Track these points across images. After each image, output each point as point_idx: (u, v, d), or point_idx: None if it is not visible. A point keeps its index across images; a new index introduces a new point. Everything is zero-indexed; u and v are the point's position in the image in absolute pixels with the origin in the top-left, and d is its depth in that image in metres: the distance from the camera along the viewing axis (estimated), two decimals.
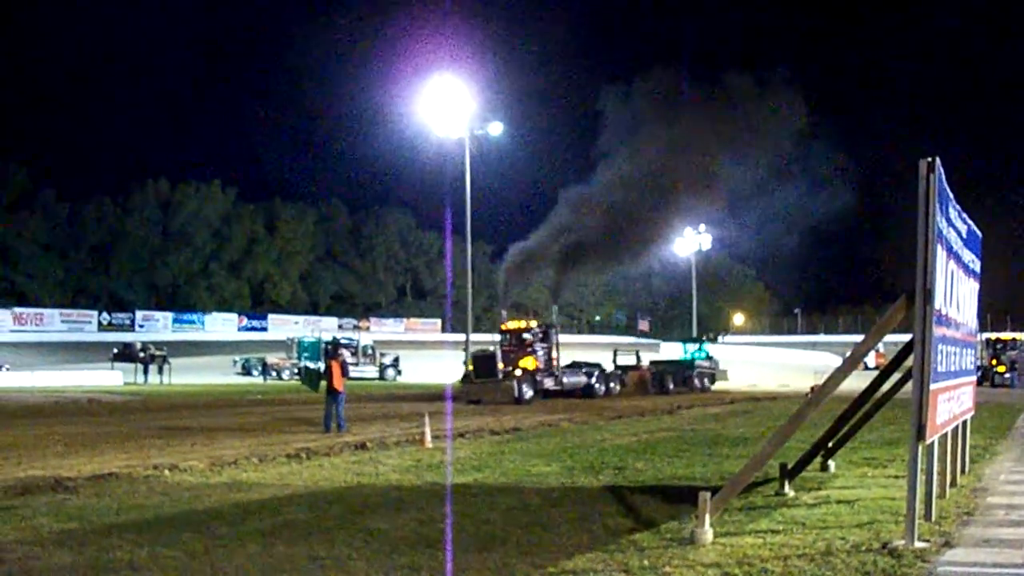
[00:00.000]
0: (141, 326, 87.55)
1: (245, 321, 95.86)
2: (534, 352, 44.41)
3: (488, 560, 9.71)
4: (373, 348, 67.29)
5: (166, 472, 16.77)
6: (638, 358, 54.21)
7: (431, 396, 42.55)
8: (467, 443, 22.66)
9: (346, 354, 53.64)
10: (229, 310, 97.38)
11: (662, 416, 32.65)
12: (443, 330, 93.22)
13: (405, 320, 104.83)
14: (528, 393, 41.38)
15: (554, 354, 45.75)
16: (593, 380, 46.62)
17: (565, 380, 45.12)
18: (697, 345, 64.49)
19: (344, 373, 26.67)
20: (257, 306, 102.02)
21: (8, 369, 60.92)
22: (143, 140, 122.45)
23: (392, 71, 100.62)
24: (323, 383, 27.54)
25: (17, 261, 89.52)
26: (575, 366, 47.62)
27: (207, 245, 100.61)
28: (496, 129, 55.10)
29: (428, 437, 21.90)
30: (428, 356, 45.73)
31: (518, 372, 42.28)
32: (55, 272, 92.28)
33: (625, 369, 51.51)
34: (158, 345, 71.80)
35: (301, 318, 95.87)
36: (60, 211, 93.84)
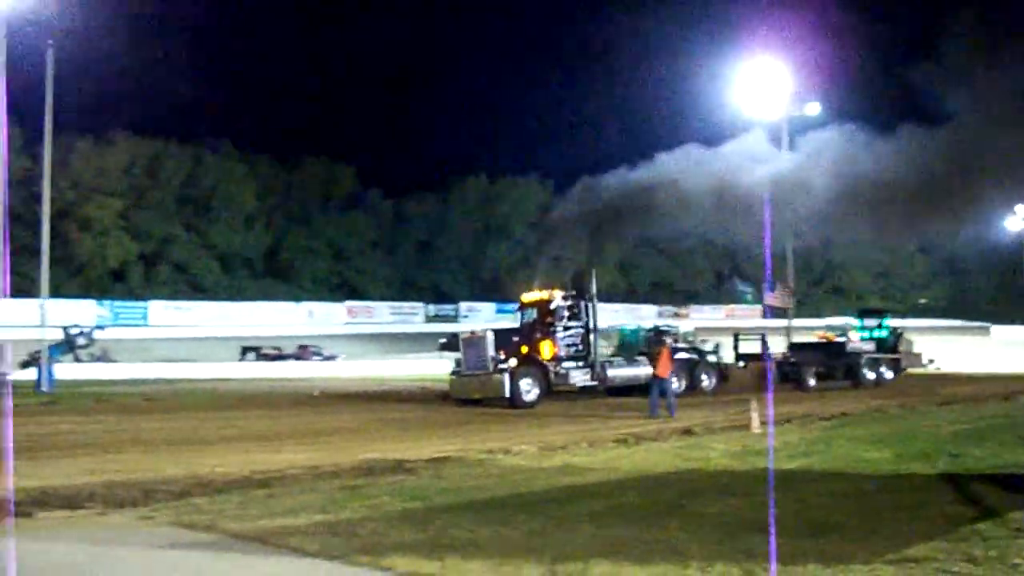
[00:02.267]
0: (465, 316, 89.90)
1: None
2: (552, 334, 32.82)
3: (822, 546, 9.58)
4: (694, 335, 67.02)
5: (499, 456, 17.28)
6: (764, 343, 41.75)
7: (750, 383, 38.16)
8: (794, 428, 22.32)
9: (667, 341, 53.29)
10: None
11: (998, 401, 31.15)
12: (763, 316, 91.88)
13: (724, 307, 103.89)
14: (530, 392, 30.91)
15: (592, 338, 33.76)
16: None
17: (611, 373, 33.45)
18: (877, 322, 47.19)
19: (672, 360, 26.99)
20: None
21: (344, 359, 63.75)
22: (463, 137, 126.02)
23: (704, 53, 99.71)
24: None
25: (349, 258, 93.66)
26: (646, 353, 34.87)
27: (526, 237, 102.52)
28: (814, 109, 53.82)
29: (755, 422, 21.65)
30: (748, 343, 43.55)
31: (512, 362, 31.16)
32: (383, 267, 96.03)
33: (748, 358, 41.28)
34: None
35: (620, 306, 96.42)
36: (386, 209, 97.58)
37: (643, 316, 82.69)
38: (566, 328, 33.09)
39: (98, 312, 67.85)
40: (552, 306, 33.31)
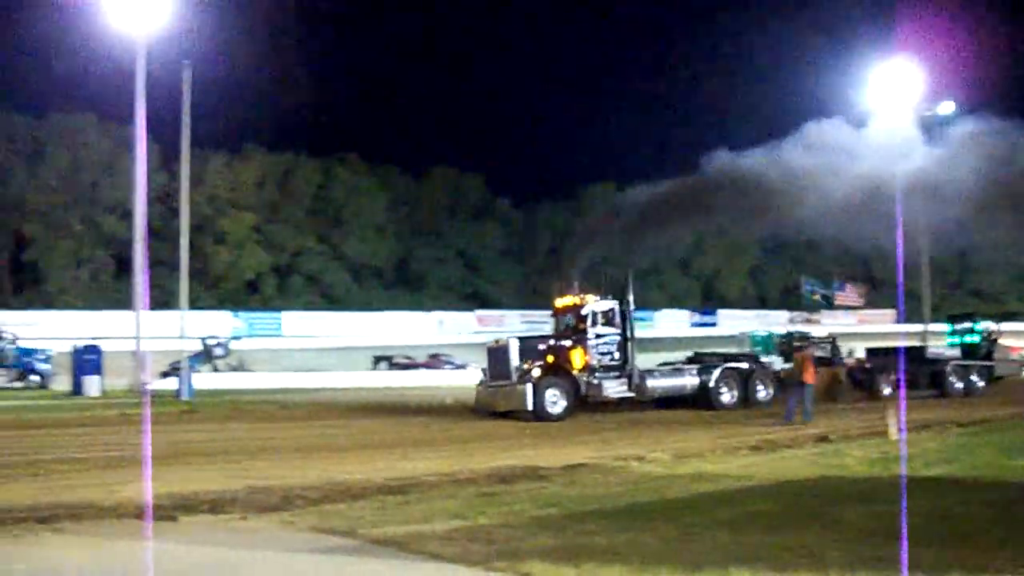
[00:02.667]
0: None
1: (696, 317, 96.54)
2: (583, 342, 30.32)
3: (967, 555, 9.37)
4: (831, 341, 65.90)
5: (633, 463, 17.23)
6: (834, 348, 38.48)
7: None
8: (933, 435, 21.87)
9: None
10: (680, 307, 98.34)
11: None
12: (897, 320, 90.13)
13: (858, 312, 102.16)
14: (556, 404, 28.72)
15: (629, 345, 30.97)
16: (712, 382, 31.51)
17: (651, 384, 30.85)
18: (969, 325, 42.90)
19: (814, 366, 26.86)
20: (706, 302, 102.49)
21: (475, 367, 63.96)
22: (591, 143, 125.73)
23: (835, 53, 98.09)
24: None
25: (479, 267, 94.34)
26: (695, 361, 33.63)
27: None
28: (947, 108, 52.49)
29: (893, 429, 21.24)
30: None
31: (535, 372, 29.09)
32: (513, 275, 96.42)
33: (817, 364, 35.82)
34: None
35: (751, 312, 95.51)
36: (516, 217, 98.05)
37: (774, 323, 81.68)
38: (599, 335, 30.57)
39: (234, 323, 69.34)
40: (584, 312, 30.92)
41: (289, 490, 14.23)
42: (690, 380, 31.56)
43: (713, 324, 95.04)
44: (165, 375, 43.77)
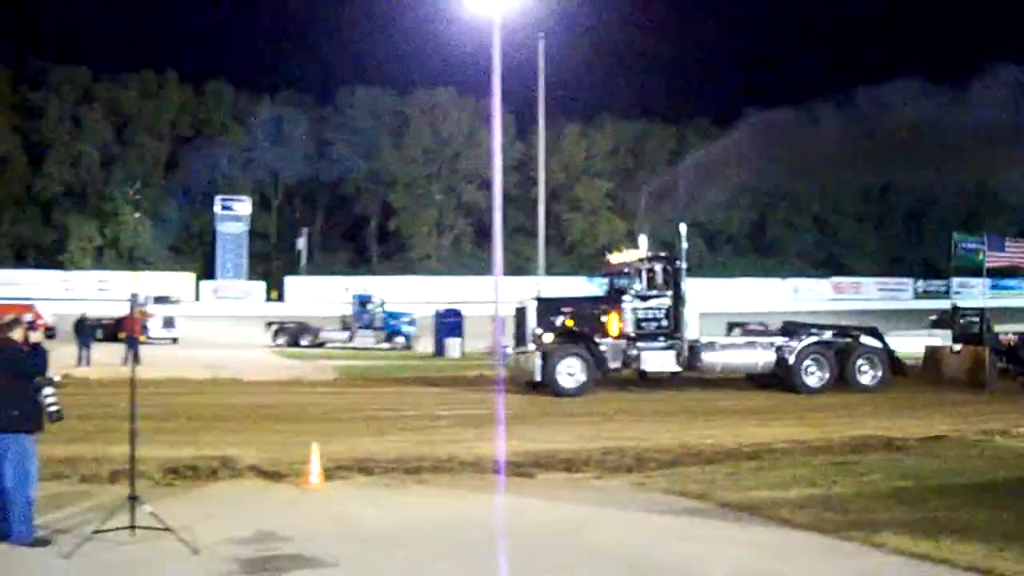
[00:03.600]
0: (957, 293, 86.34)
1: None
2: (618, 306, 25.77)
3: None
4: (981, 314, 59.86)
5: (996, 437, 16.48)
6: (983, 325, 29.93)
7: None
8: None
9: None
10: None
11: None
12: None
13: None
14: (572, 377, 24.51)
15: (681, 312, 26.13)
16: (793, 359, 25.80)
17: (708, 358, 25.84)
18: None
19: None
20: None
21: None
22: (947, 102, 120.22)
23: None
24: None
25: (836, 233, 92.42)
26: (788, 332, 27.89)
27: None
28: None
29: None
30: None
31: (548, 338, 24.94)
32: (871, 241, 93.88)
33: (967, 341, 29.74)
34: (975, 312, 70.48)
35: None
36: (876, 183, 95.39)
37: None
38: (643, 298, 25.83)
39: (589, 289, 70.44)
40: (626, 270, 26.59)
41: (643, 452, 14.50)
42: (763, 356, 26.35)
43: None
44: None
